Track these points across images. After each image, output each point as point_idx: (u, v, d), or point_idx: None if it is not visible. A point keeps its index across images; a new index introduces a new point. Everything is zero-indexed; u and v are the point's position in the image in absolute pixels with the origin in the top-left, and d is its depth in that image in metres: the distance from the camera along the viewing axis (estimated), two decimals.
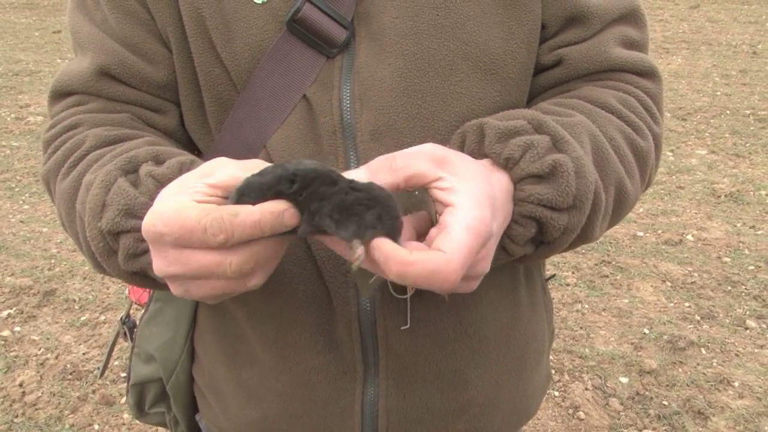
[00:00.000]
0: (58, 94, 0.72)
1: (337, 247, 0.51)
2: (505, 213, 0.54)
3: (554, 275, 1.04)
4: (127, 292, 0.96)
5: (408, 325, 0.62)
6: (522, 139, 0.56)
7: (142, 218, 0.51)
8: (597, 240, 0.66)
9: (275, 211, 0.47)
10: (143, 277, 0.59)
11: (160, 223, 0.47)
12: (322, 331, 0.70)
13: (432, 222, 0.55)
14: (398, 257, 0.46)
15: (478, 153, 0.57)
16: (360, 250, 0.47)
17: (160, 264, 0.50)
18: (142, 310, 0.87)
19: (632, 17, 0.72)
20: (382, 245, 0.47)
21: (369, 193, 0.47)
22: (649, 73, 0.72)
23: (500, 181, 0.55)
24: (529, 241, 0.57)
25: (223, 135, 0.68)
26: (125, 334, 0.91)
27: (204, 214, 0.46)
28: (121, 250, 0.57)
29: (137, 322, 0.88)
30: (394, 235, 0.48)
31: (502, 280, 0.74)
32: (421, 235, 0.54)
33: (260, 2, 0.64)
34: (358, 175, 0.51)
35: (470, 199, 0.49)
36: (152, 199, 0.52)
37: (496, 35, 0.65)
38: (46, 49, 7.31)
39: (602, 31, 0.70)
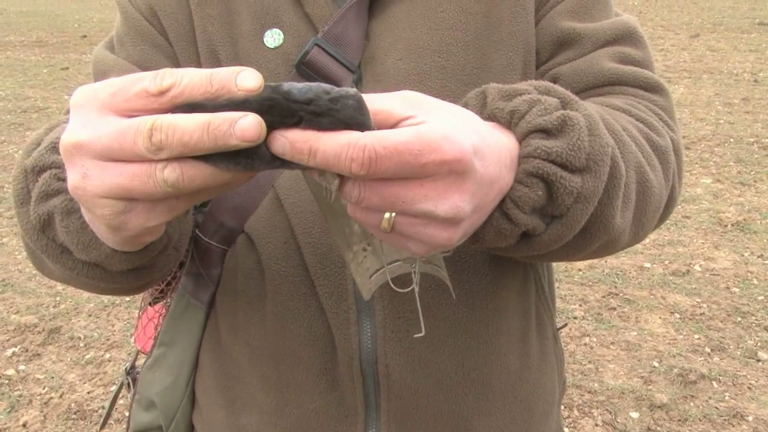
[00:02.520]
0: None
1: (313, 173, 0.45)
2: (502, 168, 0.47)
3: (566, 324, 1.02)
4: (132, 340, 0.94)
5: (423, 333, 0.58)
6: (528, 96, 0.51)
7: None
8: (619, 235, 0.57)
9: (229, 117, 0.38)
10: (50, 240, 0.53)
11: (84, 131, 0.40)
12: (324, 371, 0.69)
13: None
14: (307, 133, 0.39)
15: (480, 116, 0.51)
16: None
17: (78, 180, 0.42)
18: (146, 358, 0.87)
19: (628, 38, 0.68)
20: (287, 133, 0.40)
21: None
22: (654, 88, 0.67)
23: (500, 139, 0.48)
24: (537, 211, 0.50)
25: None
26: (128, 385, 0.89)
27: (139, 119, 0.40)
28: (35, 190, 0.52)
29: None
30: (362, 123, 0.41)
31: (511, 326, 0.73)
32: None
33: (272, 47, 0.66)
34: None
35: (440, 121, 0.42)
36: None
37: (496, 71, 0.66)
38: (54, 86, 7.42)
39: (595, 51, 0.68)
